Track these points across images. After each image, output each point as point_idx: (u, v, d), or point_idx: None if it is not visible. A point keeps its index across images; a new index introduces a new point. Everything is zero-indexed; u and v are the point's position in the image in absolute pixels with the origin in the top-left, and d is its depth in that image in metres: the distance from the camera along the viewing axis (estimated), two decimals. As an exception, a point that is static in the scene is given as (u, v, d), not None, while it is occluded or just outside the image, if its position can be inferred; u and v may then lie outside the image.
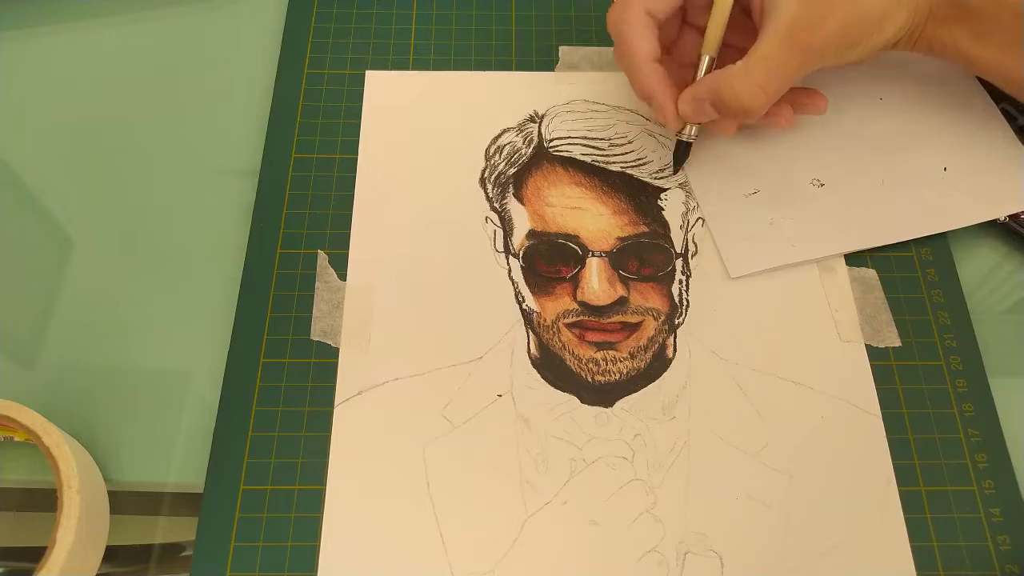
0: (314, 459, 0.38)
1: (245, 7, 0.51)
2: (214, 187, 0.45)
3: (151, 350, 0.41)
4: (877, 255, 0.43)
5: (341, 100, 0.47)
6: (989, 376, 0.40)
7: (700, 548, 0.36)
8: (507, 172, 0.45)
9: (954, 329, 0.41)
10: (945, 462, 0.38)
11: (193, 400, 0.40)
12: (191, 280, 0.42)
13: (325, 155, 0.45)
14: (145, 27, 0.50)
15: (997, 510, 0.37)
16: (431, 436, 0.38)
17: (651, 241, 0.42)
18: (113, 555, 0.37)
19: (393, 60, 0.49)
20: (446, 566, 0.35)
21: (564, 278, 0.41)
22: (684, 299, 0.41)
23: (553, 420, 0.38)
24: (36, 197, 0.45)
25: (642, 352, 0.40)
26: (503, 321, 0.41)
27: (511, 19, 0.50)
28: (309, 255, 0.42)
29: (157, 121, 0.47)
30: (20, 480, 0.38)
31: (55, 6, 0.50)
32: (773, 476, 0.37)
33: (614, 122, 0.46)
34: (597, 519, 0.36)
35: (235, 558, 0.36)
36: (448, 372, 0.39)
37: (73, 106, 0.47)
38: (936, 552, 0.36)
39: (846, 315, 0.41)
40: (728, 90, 0.40)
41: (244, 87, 0.48)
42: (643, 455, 0.38)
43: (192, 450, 0.38)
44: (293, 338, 0.40)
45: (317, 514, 0.36)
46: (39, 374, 0.40)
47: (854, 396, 0.39)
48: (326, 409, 0.39)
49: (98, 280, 0.42)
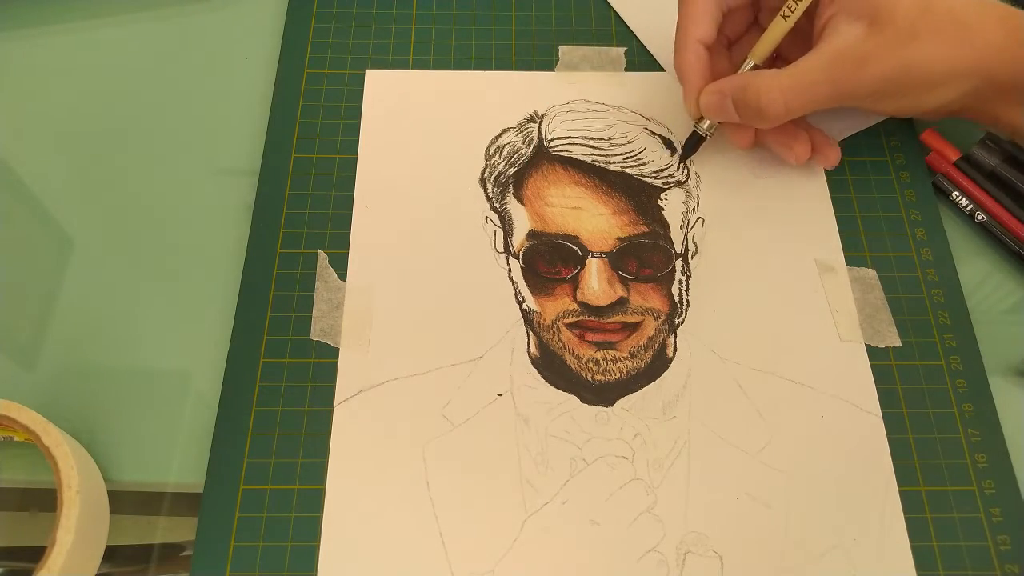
0: (314, 459, 0.38)
1: (245, 7, 0.51)
2: (214, 187, 0.45)
3: (151, 350, 0.41)
4: (877, 255, 0.43)
5: (341, 100, 0.47)
6: (989, 376, 0.40)
7: (700, 548, 0.36)
8: (507, 172, 0.45)
9: (954, 329, 0.41)
10: (945, 462, 0.38)
11: (193, 400, 0.40)
12: (191, 280, 0.42)
13: (325, 155, 0.45)
14: (145, 27, 0.50)
15: (997, 510, 0.37)
16: (431, 436, 0.38)
17: (651, 241, 0.42)
18: (113, 555, 0.37)
19: (393, 60, 0.49)
20: (446, 566, 0.35)
21: (564, 279, 0.41)
22: (684, 299, 0.41)
23: (553, 420, 0.38)
24: (36, 197, 0.45)
25: (642, 352, 0.40)
26: (503, 321, 0.41)
27: (511, 19, 0.50)
28: (309, 255, 0.42)
29: (157, 121, 0.47)
30: (20, 480, 0.38)
31: (55, 6, 0.50)
32: (773, 476, 0.37)
33: (614, 122, 0.46)
34: (597, 519, 0.36)
35: (235, 558, 0.36)
36: (448, 372, 0.39)
37: (73, 106, 0.47)
38: (936, 552, 0.36)
39: (846, 315, 0.41)
40: (752, 89, 0.40)
41: (244, 87, 0.48)
42: (643, 455, 0.38)
43: (192, 450, 0.38)
44: (293, 338, 0.40)
45: (317, 514, 0.36)
46: (39, 374, 0.40)
47: (854, 396, 0.39)
48: (326, 409, 0.39)
49: (98, 280, 0.42)
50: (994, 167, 0.44)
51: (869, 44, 0.39)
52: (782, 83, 0.40)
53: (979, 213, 0.43)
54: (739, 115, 0.41)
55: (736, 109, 0.41)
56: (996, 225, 0.43)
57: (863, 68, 0.39)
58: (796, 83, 0.40)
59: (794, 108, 0.40)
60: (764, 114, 0.40)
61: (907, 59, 0.39)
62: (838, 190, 0.45)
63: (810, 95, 0.40)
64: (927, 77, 0.40)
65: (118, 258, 0.43)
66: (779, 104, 0.40)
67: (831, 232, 0.43)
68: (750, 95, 0.40)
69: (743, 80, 0.41)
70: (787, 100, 0.40)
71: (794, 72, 0.40)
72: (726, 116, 0.42)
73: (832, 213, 0.44)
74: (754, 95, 0.40)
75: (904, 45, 0.39)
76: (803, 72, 0.40)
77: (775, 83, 0.40)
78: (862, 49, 0.39)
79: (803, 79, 0.40)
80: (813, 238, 0.43)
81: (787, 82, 0.40)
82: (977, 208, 0.44)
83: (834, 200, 0.44)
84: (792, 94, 0.40)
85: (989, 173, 0.44)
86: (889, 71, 0.39)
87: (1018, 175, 0.43)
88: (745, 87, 0.40)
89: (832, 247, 0.43)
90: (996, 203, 0.43)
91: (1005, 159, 0.44)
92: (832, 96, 0.40)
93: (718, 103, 0.41)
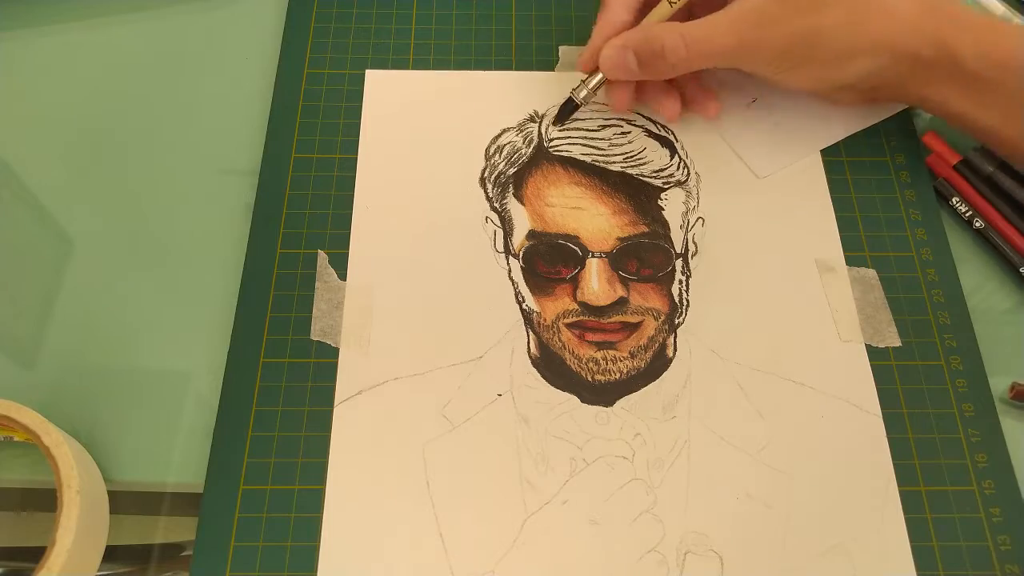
0: (314, 459, 0.38)
1: (245, 7, 0.51)
2: (214, 187, 0.45)
3: (151, 350, 0.41)
4: (877, 255, 0.43)
5: (341, 100, 0.47)
6: (989, 376, 0.40)
7: (700, 548, 0.36)
8: (507, 172, 0.45)
9: (954, 329, 0.41)
10: (945, 462, 0.38)
11: (193, 400, 0.40)
12: (191, 280, 0.42)
13: (325, 155, 0.45)
14: (145, 27, 0.50)
15: (997, 510, 0.37)
16: (431, 435, 0.38)
17: (651, 241, 0.42)
18: (113, 555, 0.37)
19: (393, 60, 0.49)
20: (446, 566, 0.35)
21: (564, 279, 0.41)
22: (684, 299, 0.41)
23: (553, 419, 0.38)
24: (36, 197, 0.45)
25: (642, 351, 0.40)
26: (503, 321, 0.41)
27: (511, 19, 0.50)
28: (309, 255, 0.42)
29: (157, 121, 0.47)
30: (20, 480, 0.38)
31: (55, 6, 0.50)
32: (773, 476, 0.37)
33: (614, 122, 0.46)
34: (597, 519, 0.36)
35: (235, 558, 0.36)
36: (448, 371, 0.39)
37: (73, 106, 0.47)
38: (936, 552, 0.36)
39: (846, 315, 0.41)
40: (656, 36, 0.40)
41: (244, 87, 0.48)
42: (643, 454, 0.38)
43: (192, 450, 0.38)
44: (293, 338, 0.40)
45: (317, 514, 0.36)
46: (39, 374, 0.40)
47: (854, 396, 0.39)
48: (326, 409, 0.39)
49: (98, 280, 0.42)
50: (991, 172, 0.44)
51: (775, 7, 0.39)
52: (685, 32, 0.40)
53: (977, 220, 0.43)
54: (640, 68, 0.41)
55: (638, 60, 0.41)
56: (993, 232, 0.43)
57: (767, 27, 0.39)
58: (700, 33, 0.40)
59: (695, 56, 0.40)
60: (666, 59, 0.40)
61: (812, 25, 0.39)
62: (838, 190, 0.45)
63: (712, 46, 0.40)
64: (832, 46, 0.40)
65: (118, 258, 0.43)
66: (680, 50, 0.40)
67: (831, 232, 0.43)
68: (654, 42, 0.40)
69: (645, 31, 0.41)
70: (689, 46, 0.40)
71: (700, 24, 0.40)
72: (625, 71, 0.42)
73: (832, 213, 0.44)
74: (658, 42, 0.40)
75: (811, 12, 0.39)
76: (708, 24, 0.40)
77: (678, 31, 0.40)
78: (768, 10, 0.39)
79: (708, 31, 0.40)
80: (813, 238, 0.43)
81: (691, 31, 0.40)
82: (976, 215, 0.43)
83: (834, 200, 0.44)
84: (694, 42, 0.40)
85: (986, 177, 0.44)
86: (792, 35, 0.39)
87: (1013, 183, 0.43)
88: (648, 37, 0.41)
89: (832, 247, 0.43)
90: (993, 209, 0.43)
91: (1000, 165, 0.44)
92: (734, 50, 0.40)
93: (619, 56, 0.42)
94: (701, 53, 0.40)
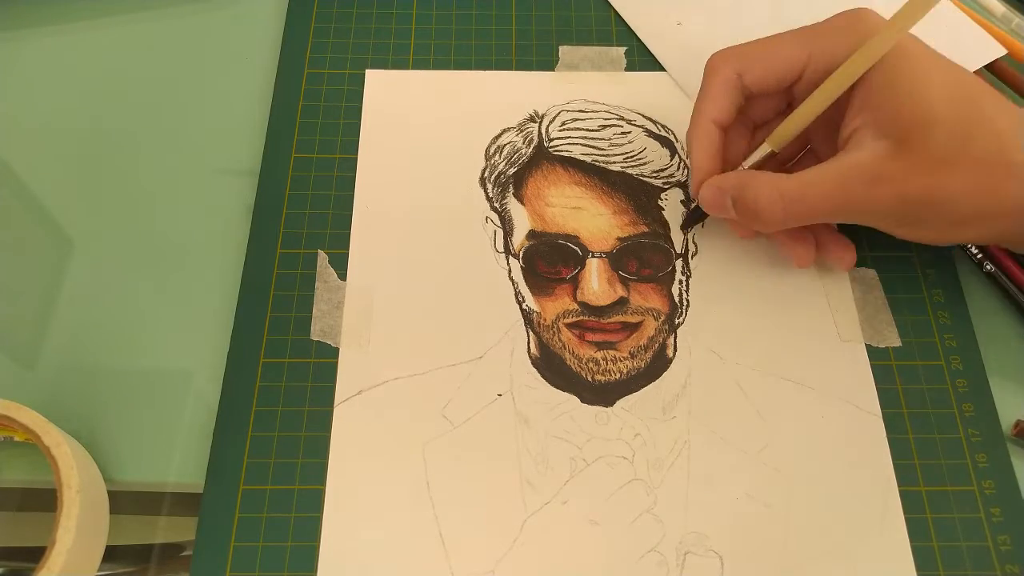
0: (314, 459, 0.38)
1: (245, 7, 0.51)
2: (214, 187, 0.45)
3: (151, 350, 0.41)
4: (877, 255, 0.43)
5: (341, 100, 0.47)
6: (989, 376, 0.40)
7: (700, 548, 0.36)
8: (507, 172, 0.45)
9: (954, 329, 0.41)
10: (945, 462, 0.38)
11: (193, 400, 0.40)
12: (191, 280, 0.42)
13: (325, 155, 0.45)
14: (145, 27, 0.50)
15: (997, 510, 0.37)
16: (431, 436, 0.38)
17: (651, 241, 0.42)
18: (113, 555, 0.37)
19: (393, 60, 0.49)
20: (446, 566, 0.35)
21: (564, 279, 0.41)
22: (684, 299, 0.41)
23: (553, 420, 0.38)
24: (36, 197, 0.45)
25: (642, 352, 0.40)
26: (503, 321, 0.41)
27: (511, 19, 0.50)
28: (309, 255, 0.42)
29: (157, 121, 0.47)
30: (20, 480, 0.38)
31: (55, 6, 0.50)
32: (773, 476, 0.37)
33: (614, 122, 0.46)
34: (597, 519, 0.36)
35: (235, 558, 0.36)
36: (448, 372, 0.39)
37: (73, 106, 0.47)
38: (936, 552, 0.36)
39: (846, 315, 0.41)
40: (751, 190, 0.37)
41: (244, 87, 0.48)
42: (643, 455, 0.38)
43: (192, 450, 0.38)
44: (293, 338, 0.40)
45: (317, 514, 0.36)
46: (39, 374, 0.40)
47: (854, 396, 0.39)
48: (326, 409, 0.39)
49: (98, 280, 0.42)
50: None
51: (891, 165, 0.35)
52: (784, 189, 0.36)
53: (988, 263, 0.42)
54: (737, 215, 0.38)
55: (735, 208, 0.38)
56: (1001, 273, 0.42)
57: (878, 187, 0.35)
58: (800, 192, 0.36)
59: (793, 217, 0.37)
60: (760, 219, 0.37)
61: (931, 188, 0.35)
62: (838, 190, 0.44)
63: (813, 206, 0.36)
64: (958, 210, 0.35)
65: (118, 258, 0.43)
66: (778, 210, 0.37)
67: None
68: (748, 196, 0.37)
69: (743, 179, 0.38)
70: (787, 207, 0.37)
71: (801, 180, 0.36)
72: (724, 212, 0.39)
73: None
74: (752, 197, 0.37)
75: (931, 173, 0.35)
76: (810, 182, 0.36)
77: (776, 188, 0.36)
78: (882, 168, 0.35)
79: (809, 189, 0.36)
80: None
81: (791, 189, 0.36)
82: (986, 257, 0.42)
83: (834, 200, 0.44)
84: (794, 203, 0.36)
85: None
86: (910, 196, 0.35)
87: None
88: (744, 186, 0.37)
89: (832, 247, 0.43)
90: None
91: None
92: (839, 211, 0.37)
93: (715, 199, 0.39)
94: (799, 215, 0.37)
